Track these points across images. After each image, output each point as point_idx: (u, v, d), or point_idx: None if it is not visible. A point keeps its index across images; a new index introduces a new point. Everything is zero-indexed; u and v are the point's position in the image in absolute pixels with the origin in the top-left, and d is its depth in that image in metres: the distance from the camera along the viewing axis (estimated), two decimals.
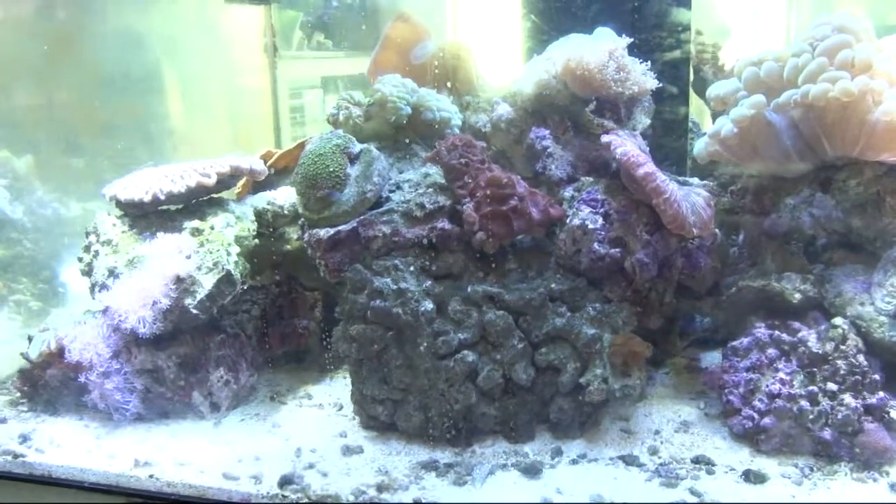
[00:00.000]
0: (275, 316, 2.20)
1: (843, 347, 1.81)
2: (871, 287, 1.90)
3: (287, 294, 2.22)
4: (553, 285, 1.86)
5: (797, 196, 2.01)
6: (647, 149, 1.94)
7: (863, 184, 1.94)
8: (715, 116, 2.23)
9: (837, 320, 1.84)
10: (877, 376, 1.78)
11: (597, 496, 1.64)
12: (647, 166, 1.75)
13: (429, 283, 1.86)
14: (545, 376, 1.85)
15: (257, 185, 2.34)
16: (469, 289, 1.85)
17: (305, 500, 1.67)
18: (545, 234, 1.94)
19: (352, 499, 1.66)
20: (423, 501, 1.65)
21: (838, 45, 1.89)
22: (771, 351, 1.87)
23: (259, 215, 2.15)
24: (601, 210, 1.87)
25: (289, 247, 2.22)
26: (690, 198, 1.82)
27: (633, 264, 1.82)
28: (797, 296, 1.93)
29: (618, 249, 1.84)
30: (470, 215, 1.84)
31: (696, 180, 2.15)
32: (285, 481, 1.72)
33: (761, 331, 1.90)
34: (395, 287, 1.84)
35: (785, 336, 1.87)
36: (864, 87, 1.83)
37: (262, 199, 2.19)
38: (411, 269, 1.87)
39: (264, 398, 2.13)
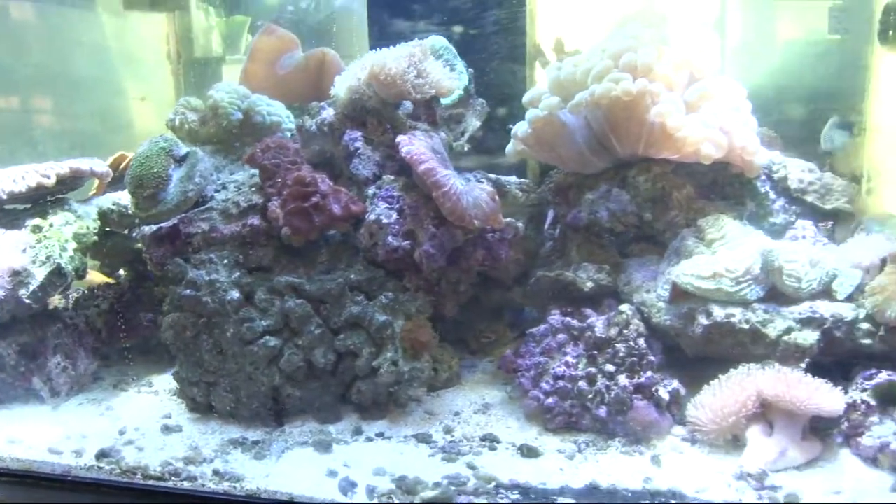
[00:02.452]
0: (122, 309, 2.34)
1: (625, 332, 1.93)
2: (657, 275, 2.04)
3: (135, 289, 2.36)
4: (352, 276, 2.00)
5: (596, 191, 2.14)
6: (444, 149, 2.08)
7: (650, 179, 2.08)
8: None
9: (624, 307, 1.97)
10: (653, 358, 1.90)
11: (380, 469, 1.78)
12: (429, 163, 1.89)
13: (238, 274, 2.00)
14: (346, 361, 1.99)
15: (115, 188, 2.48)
16: (275, 280, 1.99)
17: (117, 470, 1.82)
18: (351, 229, 2.08)
19: (159, 469, 1.80)
20: (222, 471, 1.79)
21: (623, 49, 2.03)
22: (561, 336, 2.00)
23: (104, 215, 2.30)
24: (396, 206, 2.00)
25: (139, 245, 2.36)
26: (474, 192, 1.96)
27: (421, 255, 1.95)
28: (589, 284, 2.06)
29: (408, 242, 1.97)
30: (273, 211, 1.98)
31: (513, 178, 2.29)
32: (102, 454, 1.86)
33: (555, 317, 2.03)
34: (207, 278, 1.98)
35: (575, 322, 2.00)
36: (642, 88, 1.96)
37: (108, 200, 2.33)
38: (225, 262, 2.02)
39: (108, 386, 2.27)
